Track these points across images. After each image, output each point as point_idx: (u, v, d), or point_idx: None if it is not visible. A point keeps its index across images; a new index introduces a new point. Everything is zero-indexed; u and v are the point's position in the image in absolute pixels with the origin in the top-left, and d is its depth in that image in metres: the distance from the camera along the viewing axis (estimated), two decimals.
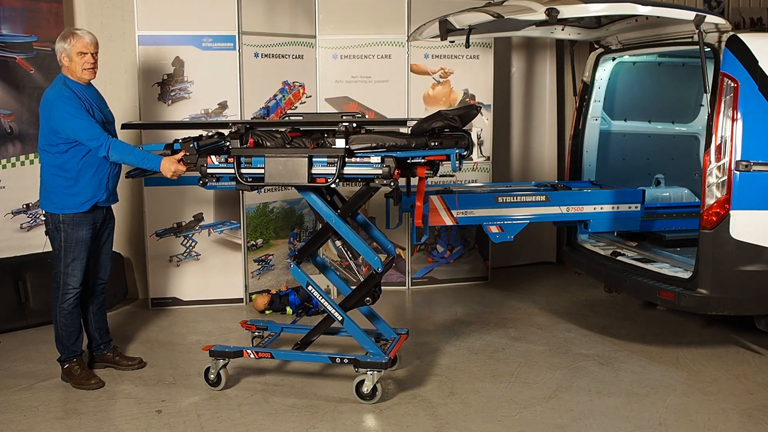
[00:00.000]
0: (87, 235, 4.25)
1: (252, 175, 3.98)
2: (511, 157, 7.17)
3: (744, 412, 3.92)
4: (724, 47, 4.30)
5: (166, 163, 4.07)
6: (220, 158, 4.02)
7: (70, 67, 4.17)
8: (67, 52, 4.14)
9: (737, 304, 4.45)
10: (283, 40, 5.92)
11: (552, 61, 7.03)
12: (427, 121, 3.93)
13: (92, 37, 4.21)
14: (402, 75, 6.19)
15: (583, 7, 4.07)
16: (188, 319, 5.58)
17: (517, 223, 4.96)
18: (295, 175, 3.88)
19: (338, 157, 3.85)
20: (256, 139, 4.00)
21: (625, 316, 5.59)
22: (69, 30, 4.26)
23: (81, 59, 4.14)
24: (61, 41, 4.17)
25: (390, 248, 4.46)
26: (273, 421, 3.83)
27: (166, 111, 5.65)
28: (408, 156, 3.94)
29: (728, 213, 4.29)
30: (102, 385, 4.30)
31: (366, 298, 4.19)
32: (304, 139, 4.03)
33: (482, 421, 3.83)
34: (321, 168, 3.90)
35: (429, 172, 4.00)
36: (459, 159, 3.91)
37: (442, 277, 6.52)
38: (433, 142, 3.91)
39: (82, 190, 4.18)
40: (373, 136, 3.95)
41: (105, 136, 4.07)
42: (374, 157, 3.86)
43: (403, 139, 3.95)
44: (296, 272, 4.19)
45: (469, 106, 4.02)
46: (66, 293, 4.25)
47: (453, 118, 3.91)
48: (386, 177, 3.84)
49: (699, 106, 6.12)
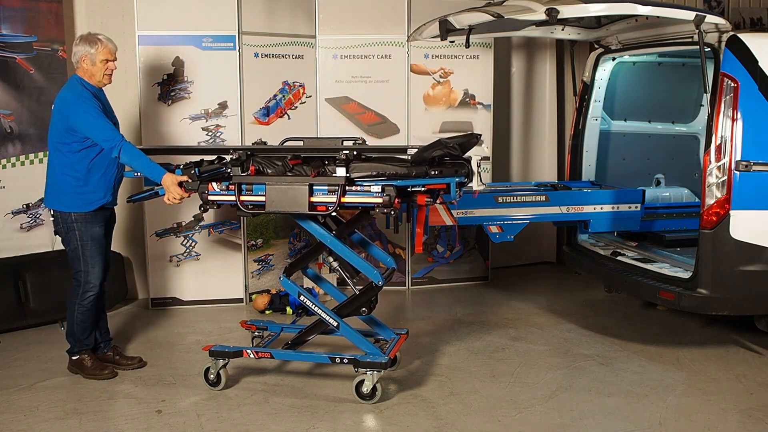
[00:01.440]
0: (100, 232, 4.35)
1: (253, 203, 4.02)
2: (511, 157, 7.17)
3: (744, 412, 3.92)
4: (724, 47, 4.30)
5: (168, 178, 4.11)
6: (221, 185, 4.06)
7: (91, 70, 4.24)
8: (92, 57, 4.22)
9: (737, 304, 4.45)
10: (283, 40, 5.92)
11: (552, 61, 7.03)
12: (428, 150, 3.94)
13: (114, 45, 4.32)
14: (402, 75, 6.19)
15: (583, 7, 4.07)
16: (188, 319, 5.58)
17: (517, 223, 4.96)
18: (295, 204, 3.92)
19: (339, 185, 3.88)
20: (257, 166, 4.04)
21: (625, 316, 5.59)
22: (93, 35, 4.28)
23: (104, 66, 4.24)
24: (85, 45, 4.23)
25: (389, 261, 4.47)
26: (273, 421, 3.83)
27: (166, 111, 5.65)
28: (408, 185, 3.96)
29: (728, 213, 4.29)
30: (115, 375, 4.40)
31: (362, 308, 4.22)
32: (304, 167, 4.05)
33: (482, 421, 3.83)
34: (322, 196, 3.93)
35: (429, 200, 4.02)
36: (459, 187, 3.94)
37: (442, 277, 6.52)
38: (433, 171, 3.93)
39: (92, 190, 4.27)
40: (374, 165, 3.97)
41: (119, 138, 4.15)
42: (375, 186, 3.89)
43: (403, 167, 3.96)
44: (286, 284, 4.22)
45: (470, 134, 4.07)
46: (87, 291, 4.33)
47: (453, 147, 3.93)
48: (386, 206, 3.88)
49: (699, 106, 6.12)
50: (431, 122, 6.29)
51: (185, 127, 5.67)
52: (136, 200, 4.40)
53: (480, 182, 3.96)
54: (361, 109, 6.21)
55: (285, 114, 6.02)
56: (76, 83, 4.24)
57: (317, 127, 6.18)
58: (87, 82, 4.25)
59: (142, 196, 4.34)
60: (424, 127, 6.27)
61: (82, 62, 4.24)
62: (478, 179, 3.96)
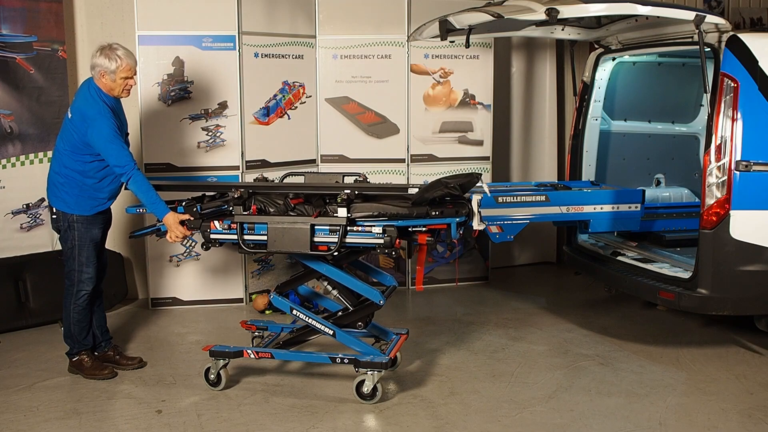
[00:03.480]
0: (98, 234, 4.37)
1: (255, 242, 4.04)
2: (511, 157, 7.17)
3: (744, 412, 3.92)
4: (724, 47, 4.30)
5: (171, 217, 4.12)
6: (224, 224, 4.08)
7: (110, 85, 4.20)
8: (112, 74, 4.17)
9: (737, 304, 4.45)
10: (283, 40, 5.91)
11: (552, 61, 7.03)
12: (429, 191, 3.95)
13: (134, 60, 4.29)
14: (402, 75, 6.19)
15: (583, 7, 4.07)
16: (188, 319, 5.58)
17: (517, 223, 4.95)
18: (297, 244, 3.94)
19: (340, 226, 3.90)
20: (259, 205, 4.06)
21: (625, 316, 5.59)
22: (113, 51, 4.19)
23: (124, 83, 4.22)
24: (104, 60, 4.16)
25: (389, 280, 4.47)
26: (273, 421, 3.83)
27: (166, 111, 5.65)
28: (410, 225, 3.96)
29: (728, 213, 4.29)
30: (115, 375, 4.40)
31: (359, 323, 4.23)
32: (306, 206, 4.06)
33: (482, 421, 3.83)
34: (323, 236, 3.96)
35: (430, 239, 4.03)
36: (459, 227, 3.95)
37: (442, 277, 6.52)
38: (435, 212, 3.95)
39: (99, 195, 4.30)
40: (375, 205, 3.99)
41: (131, 166, 4.12)
42: (376, 227, 3.91)
43: (404, 207, 3.98)
44: (277, 301, 4.23)
45: (470, 174, 4.09)
46: (80, 290, 4.34)
47: (454, 187, 3.94)
48: (387, 246, 3.90)
49: (699, 106, 6.12)
50: (431, 122, 6.29)
51: (185, 127, 5.67)
52: (138, 236, 4.47)
53: (480, 221, 3.98)
54: (361, 109, 6.21)
55: (285, 114, 6.02)
56: (95, 95, 4.16)
57: (317, 127, 6.18)
58: (105, 94, 4.19)
59: (144, 232, 4.43)
60: (424, 127, 6.27)
61: (101, 77, 4.18)
62: (478, 219, 3.97)
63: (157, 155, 5.63)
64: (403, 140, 6.24)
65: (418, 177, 6.26)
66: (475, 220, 3.97)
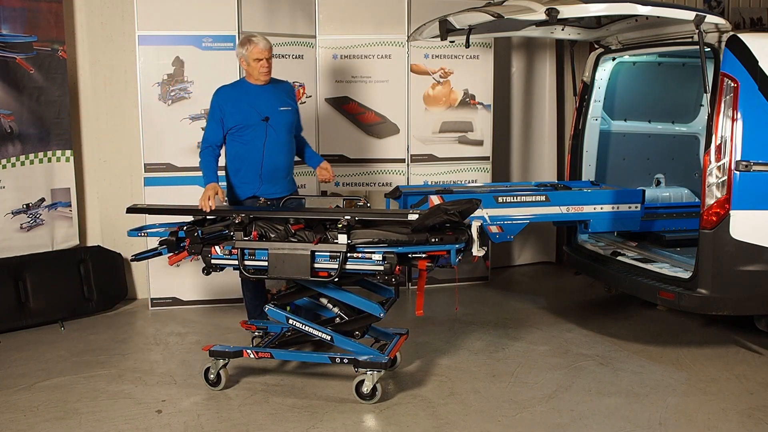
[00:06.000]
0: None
1: (255, 267, 4.06)
2: (511, 157, 7.17)
3: (744, 412, 3.92)
4: (724, 47, 4.30)
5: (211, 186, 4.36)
6: (224, 249, 4.11)
7: (248, 70, 4.61)
8: (246, 57, 4.56)
9: (737, 304, 4.45)
10: (283, 40, 5.91)
11: (552, 61, 7.03)
12: (429, 218, 3.95)
13: (267, 43, 4.58)
14: (402, 75, 6.19)
15: (583, 7, 4.07)
16: (188, 319, 5.58)
17: (517, 223, 4.96)
18: (298, 270, 3.97)
19: (340, 253, 3.91)
20: (260, 230, 4.08)
21: (625, 316, 5.59)
22: (246, 37, 4.62)
23: (257, 64, 4.55)
24: (239, 47, 4.63)
25: (389, 292, 4.48)
26: (273, 421, 3.83)
27: (166, 111, 5.65)
28: (409, 251, 3.97)
29: (728, 213, 4.29)
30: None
31: (356, 332, 4.24)
32: (306, 232, 4.07)
33: (482, 421, 3.83)
34: (324, 262, 3.97)
35: (430, 265, 4.03)
36: (459, 254, 3.96)
37: (442, 277, 6.52)
38: (434, 238, 3.94)
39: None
40: (375, 232, 3.99)
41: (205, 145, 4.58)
42: (376, 254, 3.92)
43: (404, 234, 3.97)
44: (273, 312, 4.23)
45: (469, 201, 4.09)
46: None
47: (453, 214, 3.94)
48: (387, 274, 3.91)
49: (699, 106, 6.12)
50: (431, 122, 6.29)
51: (185, 127, 5.67)
52: (140, 259, 4.49)
53: (479, 248, 3.99)
54: (361, 109, 6.21)
55: None
56: (236, 82, 4.74)
57: (317, 127, 6.18)
58: (246, 81, 4.64)
59: (146, 255, 4.44)
60: (424, 127, 6.27)
61: (241, 63, 4.63)
62: (477, 245, 3.98)
63: (157, 155, 5.63)
64: (403, 140, 6.24)
65: (418, 177, 6.27)
66: (474, 247, 3.97)
